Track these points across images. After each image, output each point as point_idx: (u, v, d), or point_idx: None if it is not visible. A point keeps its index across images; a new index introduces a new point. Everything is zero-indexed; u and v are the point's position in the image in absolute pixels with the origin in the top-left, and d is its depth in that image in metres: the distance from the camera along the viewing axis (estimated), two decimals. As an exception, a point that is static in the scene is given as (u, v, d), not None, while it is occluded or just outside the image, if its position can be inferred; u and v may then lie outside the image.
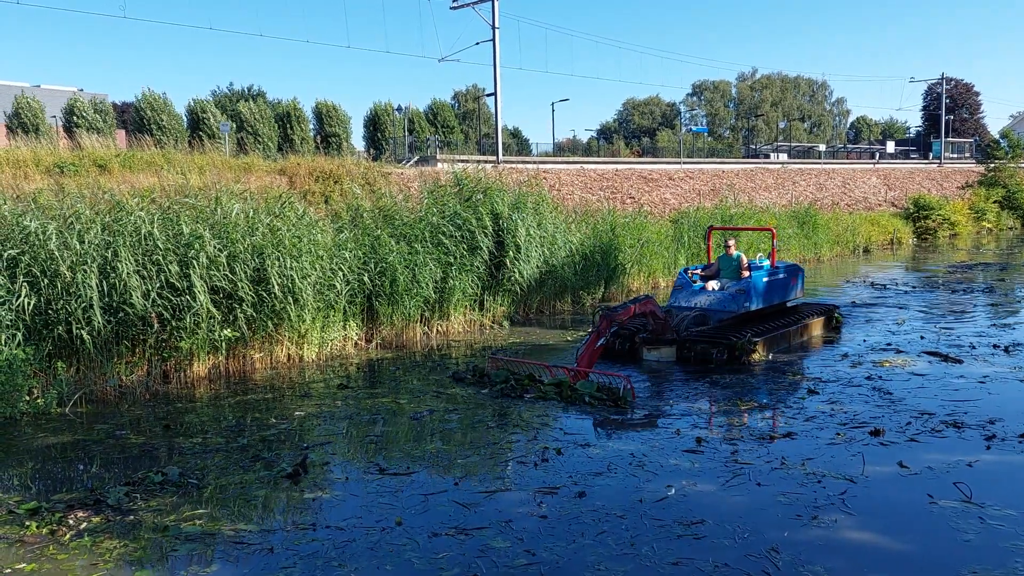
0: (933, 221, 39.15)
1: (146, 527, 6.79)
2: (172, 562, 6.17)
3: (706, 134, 78.14)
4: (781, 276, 15.35)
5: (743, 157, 55.20)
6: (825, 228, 30.86)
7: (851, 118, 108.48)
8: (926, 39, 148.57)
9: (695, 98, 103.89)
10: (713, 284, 14.66)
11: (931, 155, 64.00)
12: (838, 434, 9.10)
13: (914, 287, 22.33)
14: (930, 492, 7.31)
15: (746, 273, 14.58)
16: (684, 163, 38.95)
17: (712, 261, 15.80)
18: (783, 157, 54.75)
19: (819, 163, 49.35)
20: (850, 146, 76.44)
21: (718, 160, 44.54)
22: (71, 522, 6.88)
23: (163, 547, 6.42)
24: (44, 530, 6.75)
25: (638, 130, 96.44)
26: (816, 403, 10.50)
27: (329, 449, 8.97)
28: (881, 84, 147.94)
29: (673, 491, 7.45)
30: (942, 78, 65.69)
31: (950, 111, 75.56)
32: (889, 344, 14.26)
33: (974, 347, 13.88)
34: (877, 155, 60.87)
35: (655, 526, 6.71)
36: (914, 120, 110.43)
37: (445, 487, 7.67)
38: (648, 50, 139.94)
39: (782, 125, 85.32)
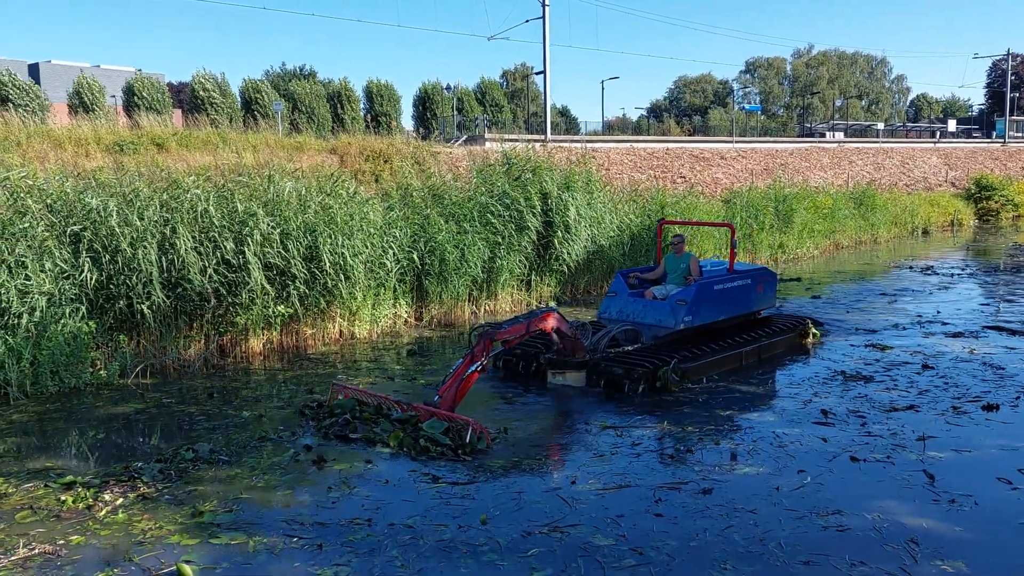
0: (995, 202, 37.95)
1: (184, 509, 6.70)
2: (214, 549, 6.00)
3: (759, 112, 76.46)
4: (740, 283, 12.41)
5: (798, 136, 53.97)
6: (883, 209, 30.08)
7: (911, 96, 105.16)
8: (991, 13, 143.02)
9: (748, 75, 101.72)
10: (655, 291, 12.16)
11: (994, 134, 61.76)
12: (953, 407, 9.19)
13: (963, 271, 21.45)
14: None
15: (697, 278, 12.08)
16: (736, 142, 38.27)
17: (660, 262, 13.01)
18: (839, 136, 53.44)
19: (877, 142, 48.05)
20: (910, 124, 74.19)
21: (772, 139, 43.65)
22: (107, 498, 6.92)
23: (203, 532, 6.27)
24: (80, 505, 6.79)
25: (689, 108, 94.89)
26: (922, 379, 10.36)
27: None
28: (943, 60, 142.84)
29: (809, 479, 7.03)
30: (1008, 54, 63.24)
31: (1015, 88, 72.75)
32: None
33: None
34: (938, 134, 58.97)
35: (791, 518, 6.25)
36: (977, 98, 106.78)
37: (550, 483, 7.16)
38: (701, 26, 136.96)
39: (839, 103, 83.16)
